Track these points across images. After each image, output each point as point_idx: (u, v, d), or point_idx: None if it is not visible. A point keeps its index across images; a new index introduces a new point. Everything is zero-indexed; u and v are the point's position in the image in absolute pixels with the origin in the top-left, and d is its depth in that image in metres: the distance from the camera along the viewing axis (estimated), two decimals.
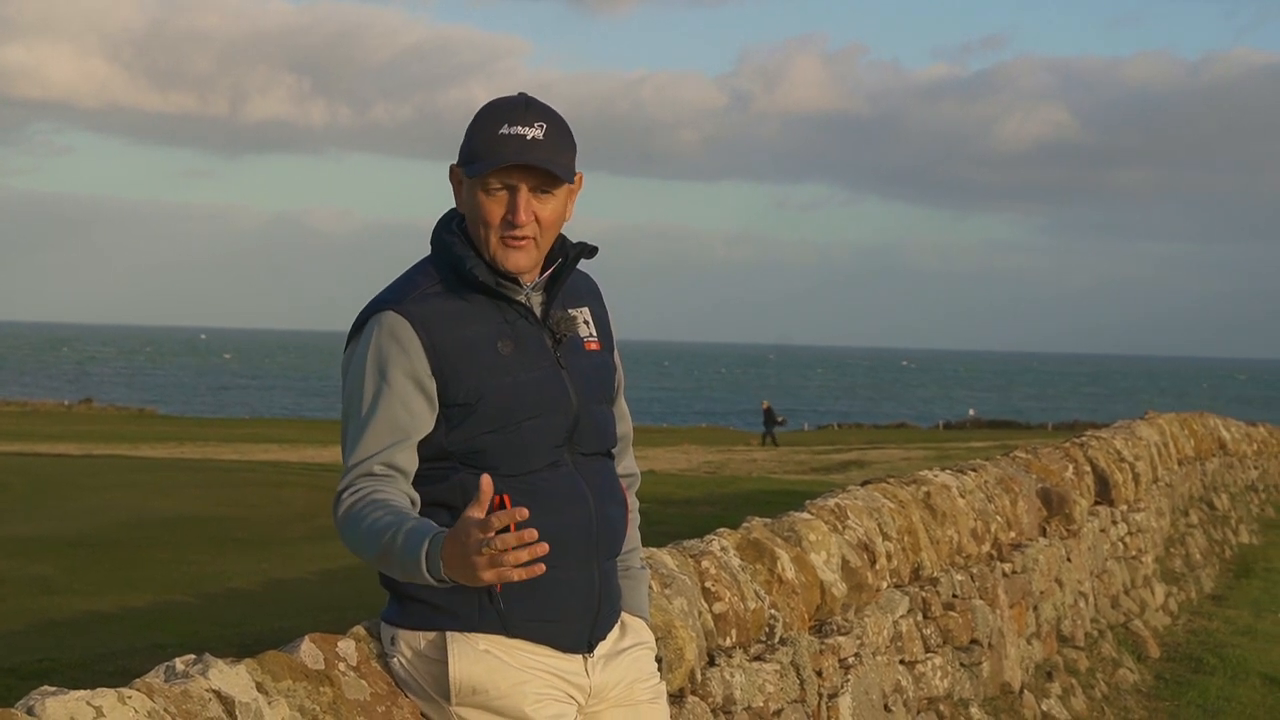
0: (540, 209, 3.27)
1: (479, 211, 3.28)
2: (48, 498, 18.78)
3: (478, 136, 3.26)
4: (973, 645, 7.09)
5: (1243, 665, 10.01)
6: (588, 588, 3.37)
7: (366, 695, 3.36)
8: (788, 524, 5.75)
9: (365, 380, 3.26)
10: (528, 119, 3.25)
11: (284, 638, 3.62)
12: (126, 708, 2.88)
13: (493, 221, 3.27)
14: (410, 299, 3.29)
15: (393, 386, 3.24)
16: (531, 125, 3.24)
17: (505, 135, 3.23)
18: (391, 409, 3.24)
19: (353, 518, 3.19)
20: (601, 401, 3.46)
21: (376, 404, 3.25)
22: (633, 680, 3.47)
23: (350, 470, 3.26)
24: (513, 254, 3.28)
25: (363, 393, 3.26)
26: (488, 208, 3.27)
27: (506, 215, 3.26)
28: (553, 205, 3.29)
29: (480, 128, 3.27)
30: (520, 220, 3.25)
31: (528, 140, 3.23)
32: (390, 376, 3.24)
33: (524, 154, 3.22)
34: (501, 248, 3.28)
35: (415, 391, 3.25)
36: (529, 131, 3.24)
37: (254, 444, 35.72)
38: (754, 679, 4.90)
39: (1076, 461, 10.28)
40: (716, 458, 33.89)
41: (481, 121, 3.27)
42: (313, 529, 16.03)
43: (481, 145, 3.25)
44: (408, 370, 3.25)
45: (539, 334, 3.35)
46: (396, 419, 3.24)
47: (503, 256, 3.28)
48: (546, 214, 3.28)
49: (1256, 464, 20.25)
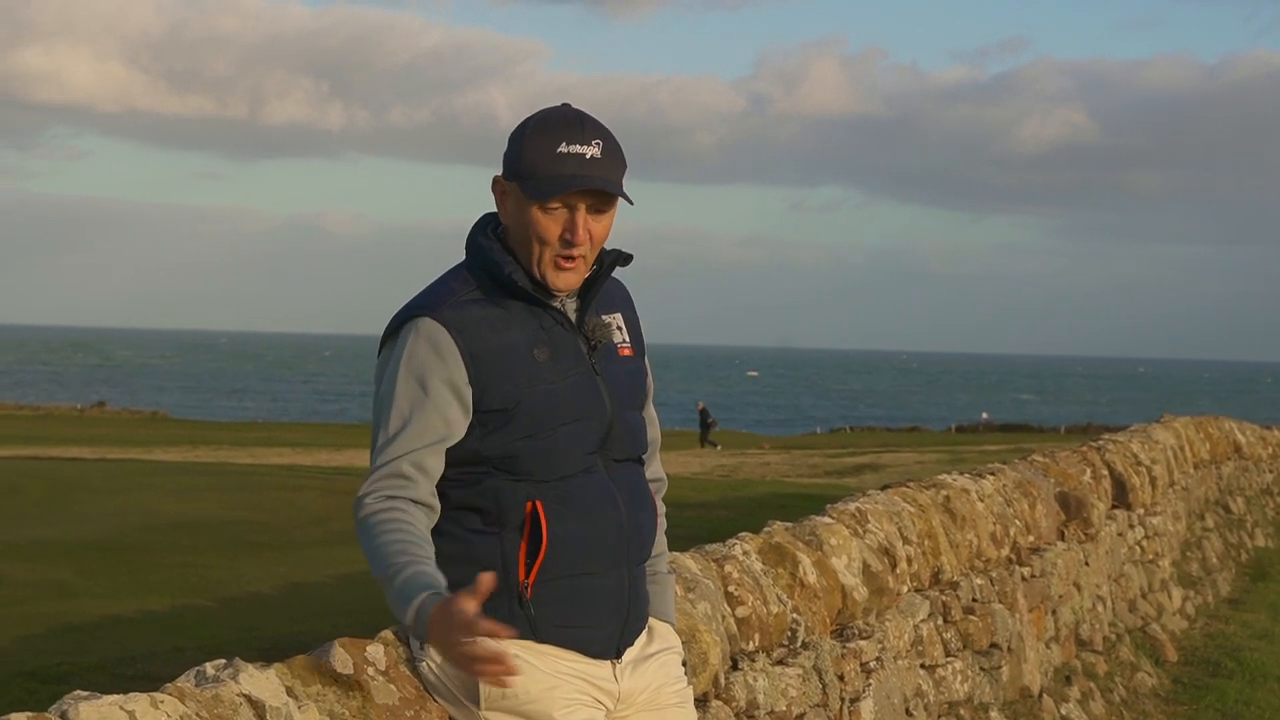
0: (594, 227, 3.26)
1: (534, 228, 3.24)
2: (62, 501, 18.79)
3: (533, 154, 3.22)
4: (992, 649, 7.09)
5: (1260, 669, 10.00)
6: (618, 593, 3.37)
7: (395, 700, 3.36)
8: (809, 528, 5.75)
9: (400, 385, 3.25)
10: (585, 137, 3.22)
11: (303, 641, 3.63)
12: (159, 712, 2.89)
13: (549, 239, 3.24)
14: (447, 305, 3.27)
15: (430, 394, 3.23)
16: (590, 144, 3.21)
17: (564, 155, 3.20)
18: (427, 416, 3.23)
19: (369, 528, 3.20)
20: (634, 407, 3.46)
21: (413, 410, 3.23)
22: (660, 685, 3.47)
23: (379, 468, 3.23)
24: (565, 275, 3.27)
25: (397, 398, 3.24)
26: (544, 225, 3.23)
27: (564, 234, 3.23)
28: (606, 223, 3.28)
29: (535, 144, 3.22)
30: (579, 239, 3.23)
31: (587, 159, 3.20)
32: (428, 384, 3.23)
33: (588, 177, 3.19)
34: (553, 268, 3.26)
35: (452, 399, 3.24)
36: (588, 150, 3.21)
37: (268, 447, 35.73)
38: (777, 683, 4.90)
39: (1094, 465, 10.27)
40: (729, 461, 33.85)
41: (535, 138, 3.23)
42: (329, 533, 16.03)
43: (539, 164, 3.21)
44: (445, 378, 3.24)
45: (574, 340, 3.35)
46: (432, 426, 3.23)
47: (553, 277, 3.27)
48: (599, 231, 3.27)
49: (1272, 467, 20.20)
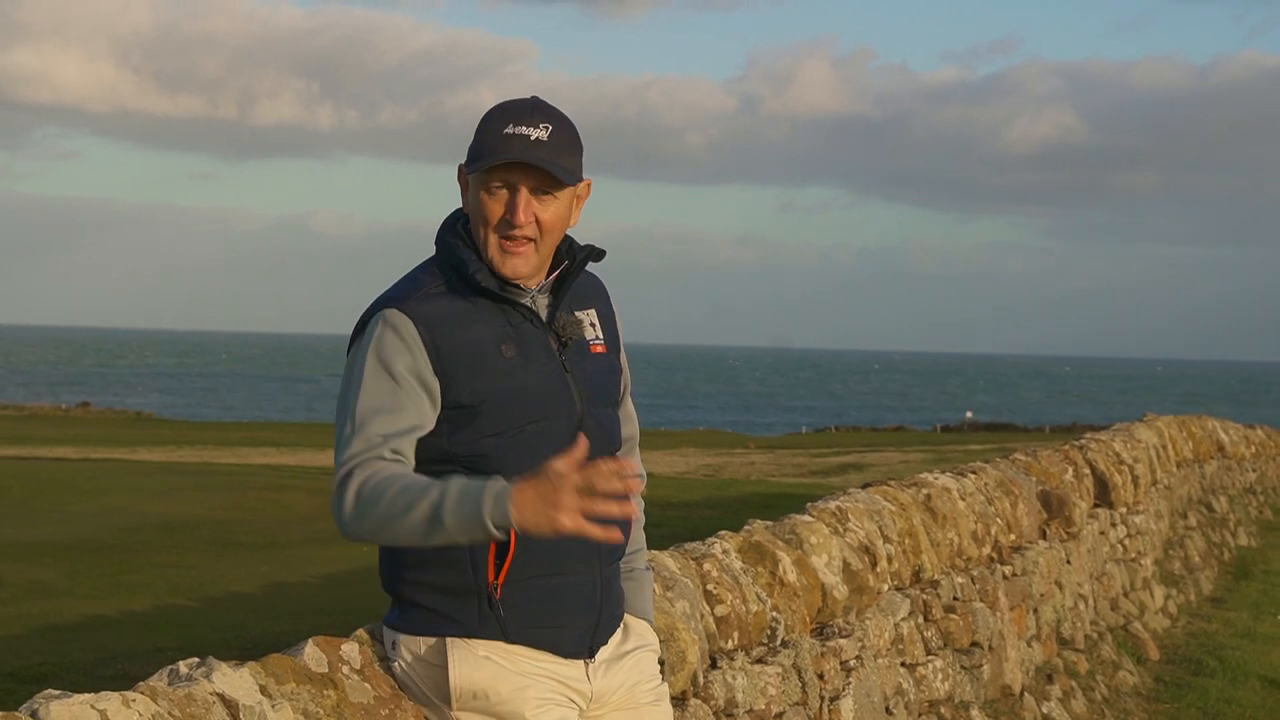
0: (541, 211, 3.26)
1: (480, 210, 3.27)
2: (46, 501, 18.75)
3: (484, 135, 3.26)
4: (973, 648, 7.09)
5: (1242, 667, 10.02)
6: (589, 593, 3.36)
7: (370, 699, 3.36)
8: (789, 526, 5.75)
9: (368, 374, 3.23)
10: (533, 119, 3.25)
11: (285, 641, 3.62)
12: (130, 711, 2.88)
13: (492, 220, 3.26)
14: (414, 298, 3.27)
15: (398, 381, 3.22)
16: (536, 126, 3.24)
17: (510, 135, 3.23)
18: (397, 402, 3.21)
19: (374, 488, 3.10)
20: (606, 405, 3.45)
21: (382, 397, 3.21)
22: (635, 683, 3.47)
23: (355, 456, 3.17)
24: (510, 259, 3.27)
25: (365, 385, 3.22)
26: (488, 206, 3.26)
27: (505, 214, 3.25)
28: (554, 208, 3.27)
29: (487, 127, 3.27)
30: (518, 220, 3.24)
31: (531, 140, 3.22)
32: (396, 372, 3.22)
33: (525, 153, 3.21)
34: (499, 252, 3.26)
35: (419, 389, 3.23)
36: (533, 132, 3.23)
37: (252, 447, 35.65)
38: (756, 682, 4.90)
39: (1076, 464, 10.28)
40: (714, 460, 33.83)
41: (488, 121, 3.27)
42: (313, 532, 16.00)
43: (486, 144, 3.25)
44: (411, 367, 3.23)
45: (543, 337, 3.34)
46: (405, 414, 3.22)
47: (500, 261, 3.27)
48: (547, 216, 3.27)
49: (1255, 466, 20.26)
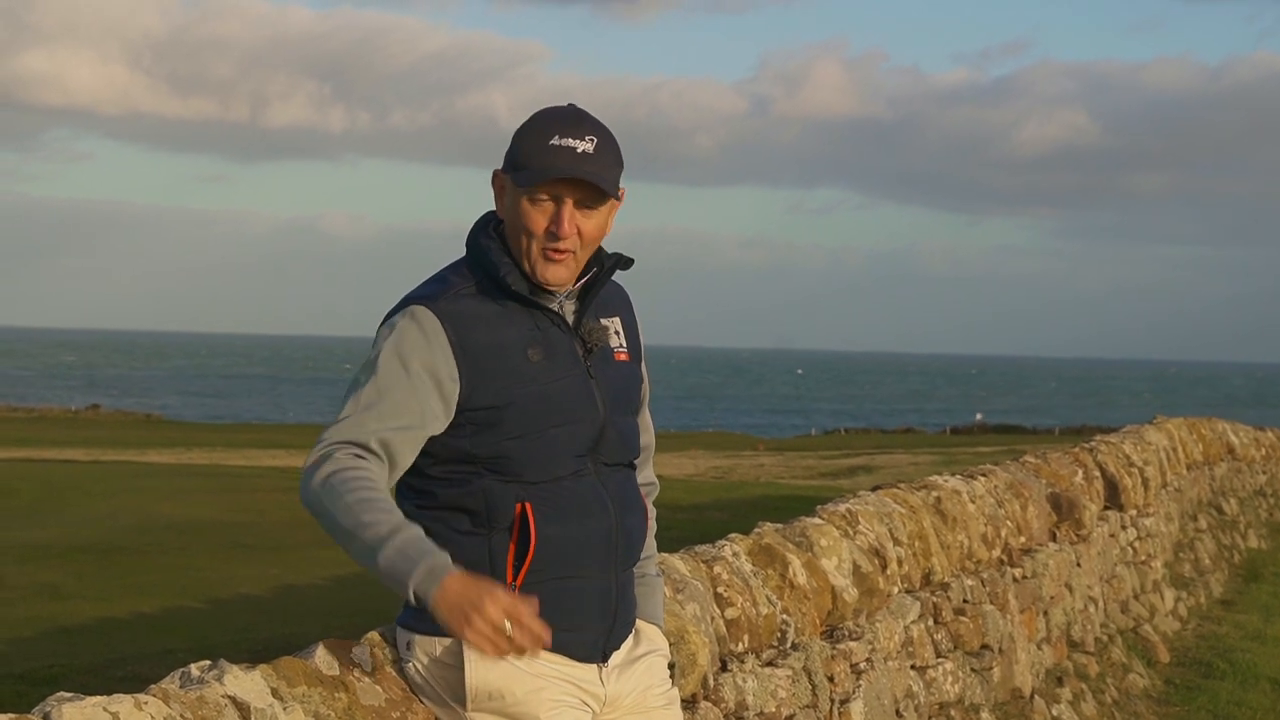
0: (584, 223, 3.26)
1: (522, 220, 3.26)
2: (56, 503, 18.79)
3: (528, 145, 3.24)
4: (983, 650, 7.08)
5: (1253, 670, 10.00)
6: (605, 597, 3.37)
7: (381, 701, 3.36)
8: (799, 529, 5.74)
9: (384, 362, 3.22)
10: (579, 131, 3.23)
11: (295, 643, 3.62)
12: (143, 714, 2.88)
13: (536, 231, 3.25)
14: (444, 297, 3.27)
15: (411, 377, 3.21)
16: (583, 138, 3.23)
17: (556, 146, 3.21)
18: (404, 397, 3.20)
19: (338, 484, 3.11)
20: (628, 412, 3.46)
21: (390, 387, 3.20)
22: (647, 687, 3.47)
23: (340, 438, 3.17)
24: (552, 267, 3.27)
25: (379, 372, 3.22)
26: (532, 217, 3.25)
27: (550, 227, 3.24)
28: (596, 220, 3.28)
29: (531, 136, 3.25)
30: (564, 233, 3.23)
31: (578, 153, 3.21)
32: (410, 366, 3.22)
33: (574, 167, 3.20)
34: (541, 260, 3.26)
35: (433, 388, 3.23)
36: (580, 145, 3.22)
37: (262, 449, 35.74)
38: (766, 684, 4.90)
39: (1086, 466, 10.26)
40: (724, 463, 33.84)
41: (532, 130, 3.25)
42: (321, 535, 15.79)
43: (532, 154, 3.23)
44: (428, 364, 3.22)
45: (570, 342, 3.35)
46: (406, 407, 3.20)
47: (541, 269, 3.27)
48: (589, 228, 3.27)
49: (1265, 469, 20.21)
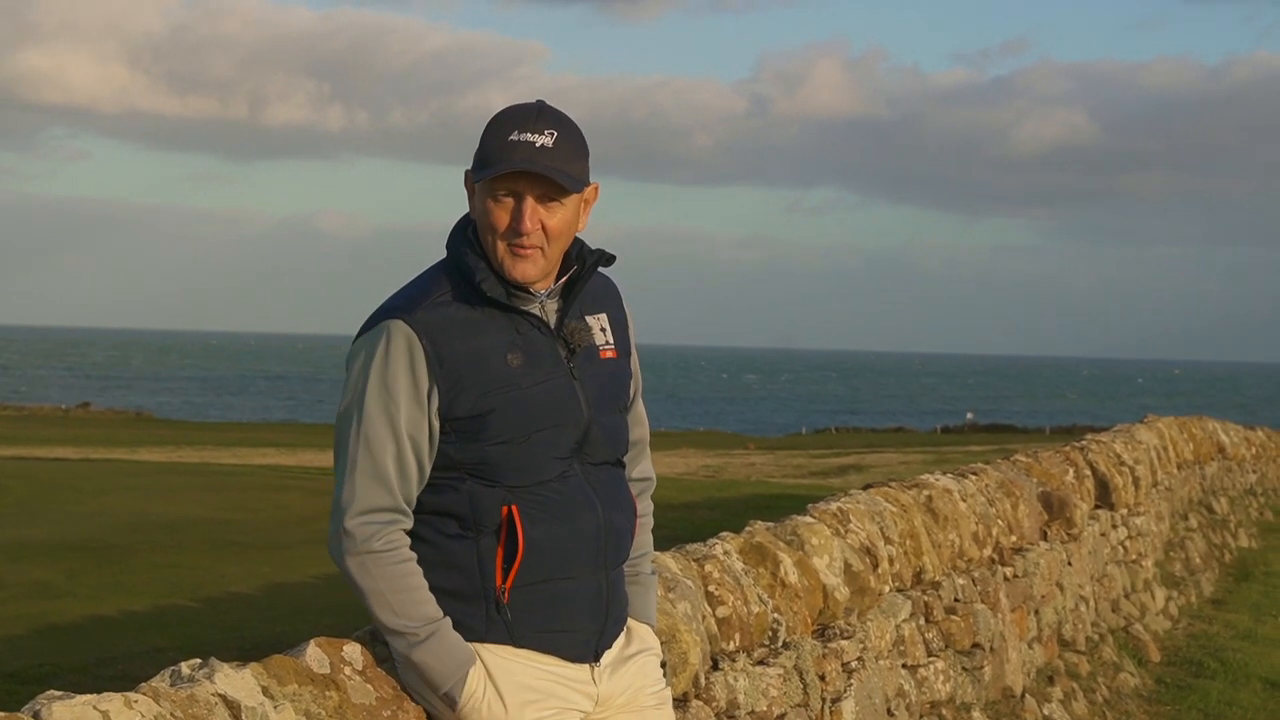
0: (547, 218, 3.25)
1: (486, 218, 3.26)
2: (46, 502, 18.73)
3: (489, 142, 3.24)
4: (974, 649, 7.09)
5: (1243, 669, 10.01)
6: (595, 597, 3.37)
7: (372, 700, 3.35)
8: (790, 528, 5.74)
9: (371, 401, 3.24)
10: (538, 126, 3.23)
11: (285, 642, 3.61)
12: (133, 712, 2.87)
13: (499, 228, 3.25)
14: (421, 307, 3.26)
15: (403, 412, 3.23)
16: (541, 132, 3.22)
17: (514, 142, 3.21)
18: (398, 444, 3.24)
19: (395, 571, 3.24)
20: (614, 411, 3.44)
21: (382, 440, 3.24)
22: (639, 687, 3.47)
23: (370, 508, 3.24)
24: (520, 263, 3.25)
25: (369, 415, 3.24)
26: (495, 214, 3.25)
27: (512, 223, 3.23)
28: (561, 215, 3.26)
29: (492, 134, 3.25)
30: (525, 228, 3.22)
31: (536, 147, 3.20)
32: (398, 400, 3.24)
33: (530, 161, 3.19)
34: (509, 256, 3.25)
35: (420, 416, 3.25)
36: (538, 139, 3.21)
37: (252, 448, 35.65)
38: (757, 683, 4.89)
39: (1077, 465, 10.28)
40: (715, 461, 33.80)
41: (493, 127, 3.25)
42: (312, 533, 15.97)
43: (491, 151, 3.23)
44: (411, 392, 3.23)
45: (551, 345, 3.33)
46: (403, 453, 3.24)
47: (510, 266, 3.26)
48: (554, 223, 3.25)
49: (1255, 468, 20.25)
